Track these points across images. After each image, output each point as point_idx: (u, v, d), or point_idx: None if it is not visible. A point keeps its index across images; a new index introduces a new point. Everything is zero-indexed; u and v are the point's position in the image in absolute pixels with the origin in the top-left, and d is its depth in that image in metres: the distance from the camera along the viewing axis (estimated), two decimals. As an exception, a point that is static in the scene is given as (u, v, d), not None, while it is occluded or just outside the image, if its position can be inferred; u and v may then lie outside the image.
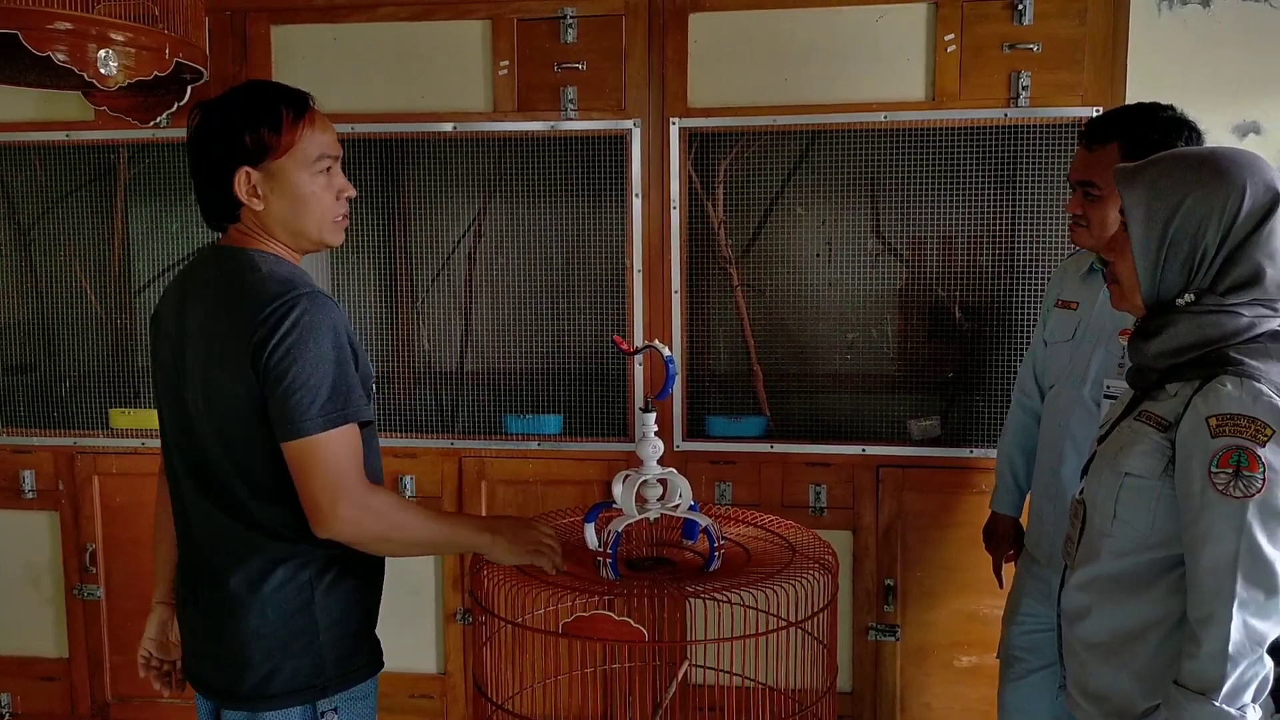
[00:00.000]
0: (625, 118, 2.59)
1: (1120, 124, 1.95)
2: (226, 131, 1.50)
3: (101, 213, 2.90)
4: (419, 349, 2.95)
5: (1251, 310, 1.35)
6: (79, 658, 2.93)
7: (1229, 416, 1.29)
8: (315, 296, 1.47)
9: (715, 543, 1.82)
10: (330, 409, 1.43)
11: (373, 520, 1.47)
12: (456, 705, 2.80)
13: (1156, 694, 1.38)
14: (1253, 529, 1.27)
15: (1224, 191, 1.34)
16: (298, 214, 1.54)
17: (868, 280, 2.72)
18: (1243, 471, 1.27)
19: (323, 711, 1.55)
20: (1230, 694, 1.29)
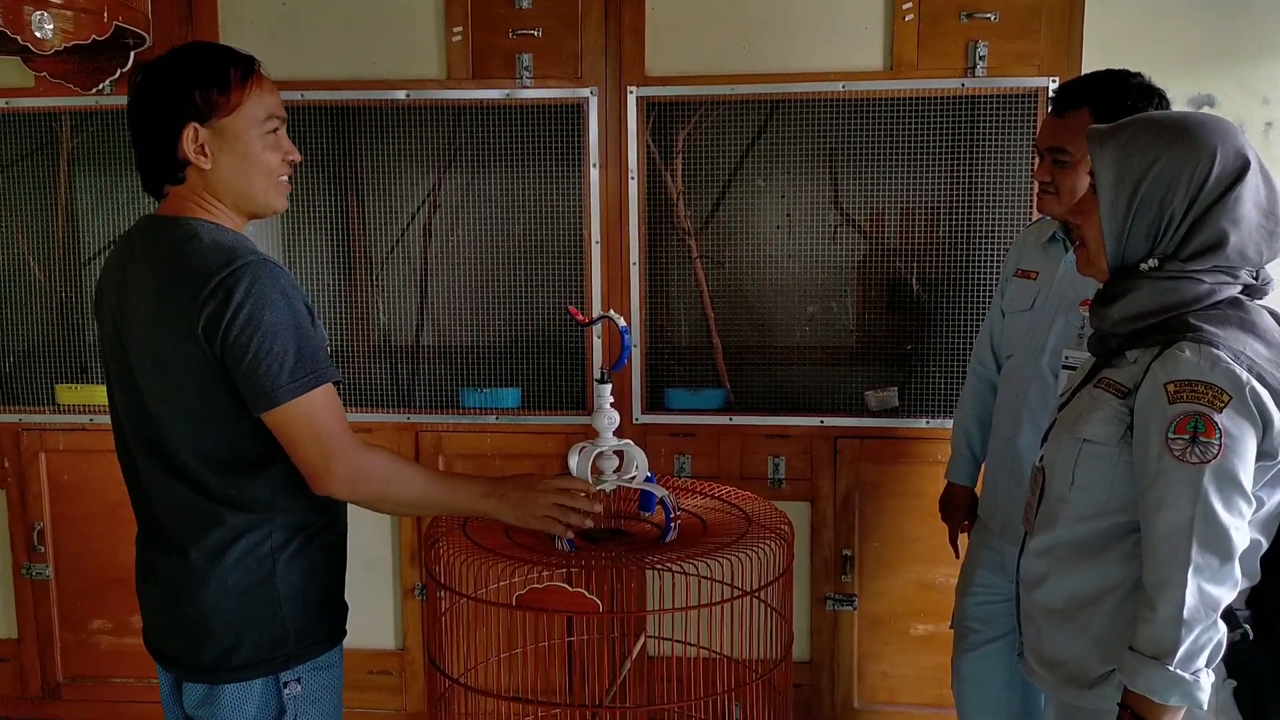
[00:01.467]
0: (582, 86, 2.56)
1: (1091, 89, 1.95)
2: (174, 89, 1.47)
3: (45, 183, 2.82)
4: (375, 323, 2.91)
5: (1213, 277, 1.35)
6: (28, 638, 2.87)
7: (1187, 383, 1.29)
8: (263, 264, 1.44)
9: (671, 514, 1.82)
10: (300, 373, 1.44)
11: (368, 479, 1.49)
12: (415, 681, 2.79)
13: (1112, 659, 1.39)
14: (1208, 495, 1.28)
15: (1194, 156, 1.33)
16: (245, 174, 1.52)
17: (827, 252, 2.71)
18: (1199, 438, 1.28)
19: (285, 682, 1.54)
20: (1184, 659, 1.29)
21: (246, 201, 1.54)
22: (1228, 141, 1.34)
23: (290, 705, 1.55)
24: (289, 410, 1.44)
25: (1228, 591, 1.30)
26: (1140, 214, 1.36)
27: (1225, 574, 1.29)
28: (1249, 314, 1.35)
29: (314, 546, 1.57)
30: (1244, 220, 1.33)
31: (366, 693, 2.81)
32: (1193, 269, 1.35)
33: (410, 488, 1.54)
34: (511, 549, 1.73)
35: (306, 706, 1.57)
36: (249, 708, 1.53)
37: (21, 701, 2.91)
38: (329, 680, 1.61)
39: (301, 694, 1.56)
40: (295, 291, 1.47)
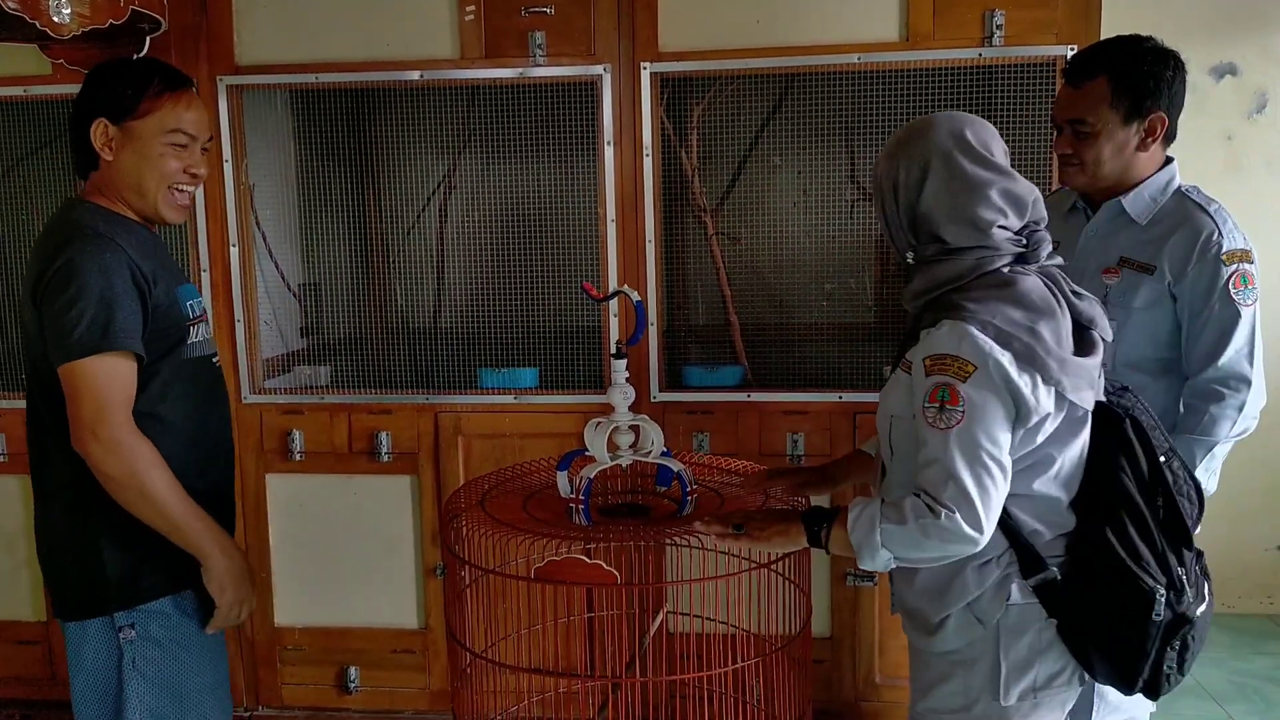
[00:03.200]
0: (595, 63, 2.55)
1: (1107, 57, 1.94)
2: (97, 86, 1.69)
3: (63, 171, 2.84)
4: (393, 305, 2.92)
5: (973, 254, 1.49)
6: (56, 622, 2.90)
7: (938, 357, 1.44)
8: (95, 238, 1.63)
9: (688, 488, 1.82)
10: (86, 338, 1.57)
11: (119, 457, 1.59)
12: (438, 660, 2.81)
13: (944, 608, 1.54)
14: (954, 456, 1.40)
15: (887, 167, 1.55)
16: (140, 175, 1.70)
17: (845, 228, 2.69)
18: (946, 405, 1.42)
19: (119, 626, 1.68)
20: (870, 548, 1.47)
21: (137, 199, 1.72)
22: (920, 143, 1.51)
23: (128, 649, 1.68)
24: (68, 369, 1.58)
25: (955, 544, 1.42)
26: (884, 216, 1.58)
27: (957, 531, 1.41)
28: (1009, 285, 1.46)
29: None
30: (935, 208, 1.49)
31: (390, 671, 2.83)
32: (950, 247, 1.50)
33: (154, 484, 1.61)
34: (530, 524, 1.73)
35: (146, 650, 1.69)
36: (87, 648, 1.69)
37: (51, 684, 2.95)
38: (172, 628, 1.72)
39: (138, 637, 1.68)
40: (125, 268, 1.62)
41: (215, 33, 2.61)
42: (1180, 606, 1.46)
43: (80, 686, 1.70)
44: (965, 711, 1.55)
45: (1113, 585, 1.46)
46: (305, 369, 2.84)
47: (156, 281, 1.67)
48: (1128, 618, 1.45)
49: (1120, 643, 1.46)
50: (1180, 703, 3.02)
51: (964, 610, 1.53)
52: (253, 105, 2.73)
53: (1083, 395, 1.46)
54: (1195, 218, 1.92)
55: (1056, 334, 1.45)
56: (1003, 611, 1.50)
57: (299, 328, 2.96)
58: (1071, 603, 1.49)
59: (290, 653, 2.86)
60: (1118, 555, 1.45)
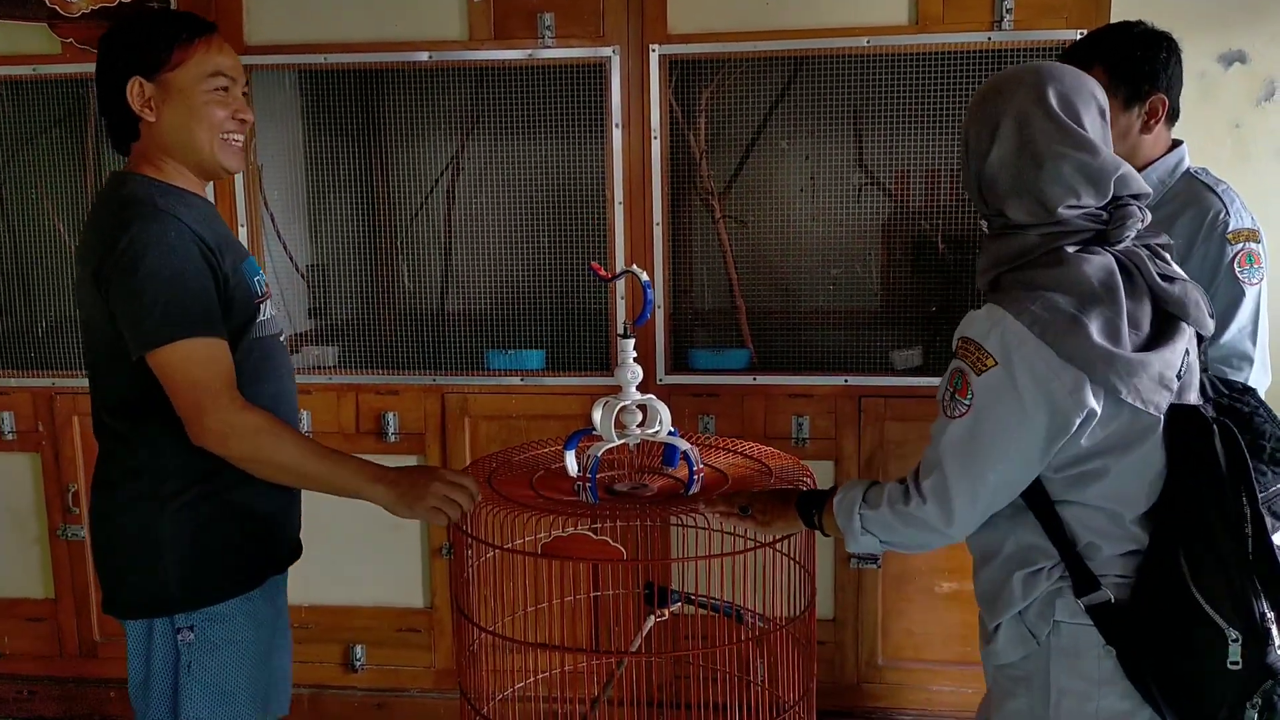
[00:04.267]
0: (604, 45, 2.55)
1: (1099, 47, 1.94)
2: (123, 45, 1.58)
3: (73, 150, 2.85)
4: (400, 286, 2.93)
5: (1037, 231, 1.34)
6: (65, 598, 2.93)
7: (966, 340, 1.33)
8: (156, 214, 1.52)
9: (694, 467, 1.83)
10: (167, 322, 1.48)
11: (238, 439, 1.51)
12: (444, 639, 2.83)
13: (995, 615, 1.43)
14: (946, 448, 1.33)
15: (968, 128, 1.42)
16: (188, 127, 1.60)
17: (851, 213, 2.70)
18: (957, 395, 1.32)
19: (178, 628, 1.61)
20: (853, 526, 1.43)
21: (192, 155, 1.62)
22: (989, 109, 1.37)
23: (185, 651, 1.61)
24: (157, 356, 1.50)
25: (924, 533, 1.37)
26: (963, 183, 1.46)
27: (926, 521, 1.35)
28: (1067, 265, 1.30)
29: (212, 502, 1.62)
30: (1000, 178, 1.36)
31: (396, 650, 2.85)
32: (1014, 224, 1.36)
33: (282, 453, 1.53)
34: (536, 501, 1.74)
35: (202, 654, 1.62)
36: (144, 647, 1.63)
37: (59, 660, 2.97)
38: (232, 631, 1.65)
39: (195, 642, 1.61)
40: (190, 244, 1.53)
41: (224, 12, 2.61)
42: (1266, 658, 1.23)
43: (136, 681, 1.66)
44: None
45: (1176, 619, 1.27)
46: (313, 349, 2.85)
47: (223, 257, 1.59)
48: (1194, 659, 1.26)
49: (1185, 685, 1.27)
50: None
51: (1015, 620, 1.40)
52: (261, 85, 2.73)
53: (1146, 395, 1.26)
54: (1203, 197, 1.93)
55: (1111, 325, 1.26)
56: (1051, 628, 1.36)
57: (307, 308, 2.97)
58: (1130, 630, 1.31)
59: (296, 631, 2.84)
60: (1185, 585, 1.26)
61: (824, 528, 1.54)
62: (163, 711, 1.63)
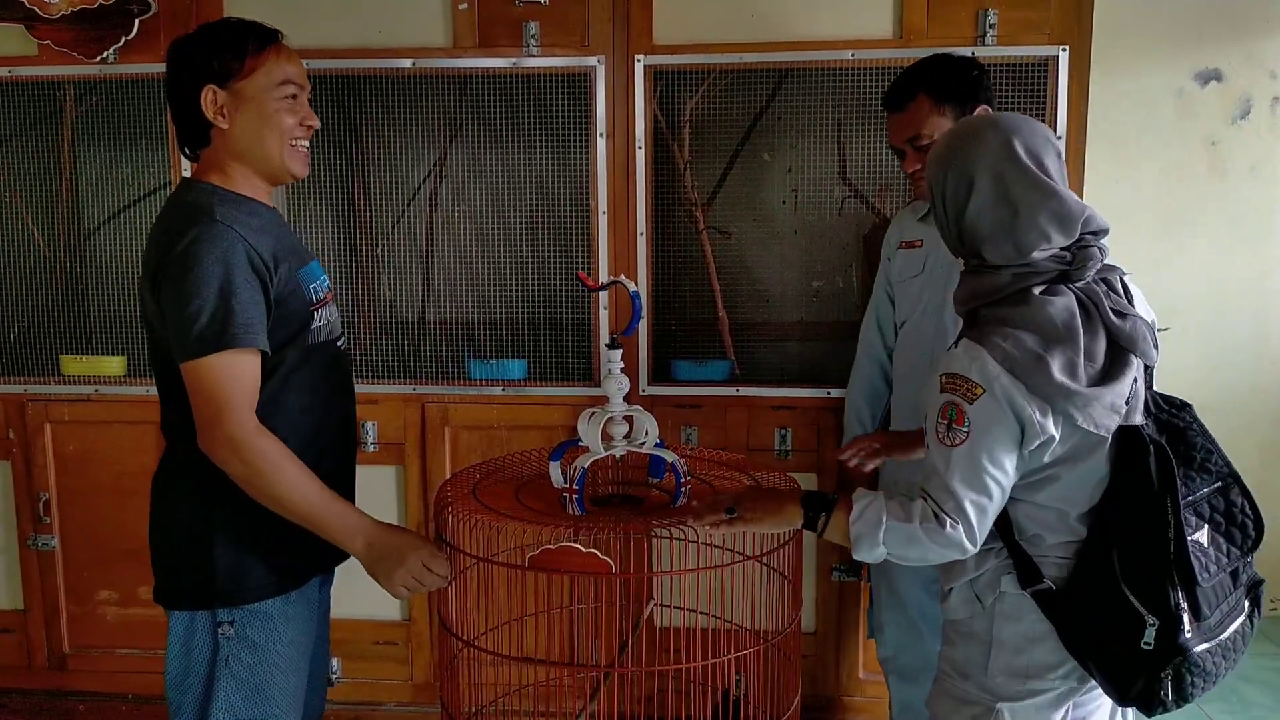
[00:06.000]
0: (589, 54, 2.54)
1: (918, 76, 2.10)
2: (196, 55, 1.62)
3: (48, 153, 2.81)
4: (379, 295, 2.90)
5: (1008, 272, 1.48)
6: (35, 609, 2.88)
7: (950, 376, 1.47)
8: (211, 224, 1.55)
9: (682, 478, 1.82)
10: (208, 334, 1.51)
11: (240, 460, 1.54)
12: (422, 652, 2.79)
13: (950, 580, 1.61)
14: (954, 474, 1.45)
15: (940, 180, 1.53)
16: (260, 135, 1.64)
17: (833, 225, 2.70)
18: (953, 425, 1.46)
19: (220, 622, 1.64)
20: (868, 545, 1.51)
21: (262, 163, 1.67)
22: (960, 156, 1.51)
23: (224, 645, 1.64)
24: (190, 367, 1.53)
25: (948, 550, 1.48)
26: (936, 220, 1.58)
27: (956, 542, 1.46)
28: (1032, 306, 1.46)
29: (261, 506, 1.61)
30: (979, 223, 1.49)
31: (373, 663, 2.81)
32: (990, 263, 1.50)
33: (278, 487, 1.55)
34: (522, 512, 1.73)
35: (240, 650, 1.64)
36: (185, 637, 1.64)
37: (28, 672, 2.91)
38: (270, 629, 1.66)
39: (235, 636, 1.64)
40: (243, 256, 1.55)
41: (205, 16, 2.58)
42: (1177, 639, 1.44)
43: (173, 673, 1.66)
44: (963, 679, 1.62)
45: (1105, 604, 1.47)
46: (291, 357, 2.81)
47: (277, 266, 1.60)
48: (1120, 636, 1.47)
49: (1112, 658, 1.48)
50: (1158, 700, 3.04)
51: (965, 586, 1.60)
52: (242, 90, 2.70)
53: (1100, 422, 1.44)
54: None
55: (1070, 363, 1.43)
56: (997, 596, 1.56)
57: (285, 316, 2.93)
58: (1068, 610, 1.51)
59: (272, 643, 2.83)
60: (1115, 578, 1.47)
61: (825, 531, 1.56)
62: (198, 703, 1.65)
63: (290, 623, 1.69)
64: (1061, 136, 2.45)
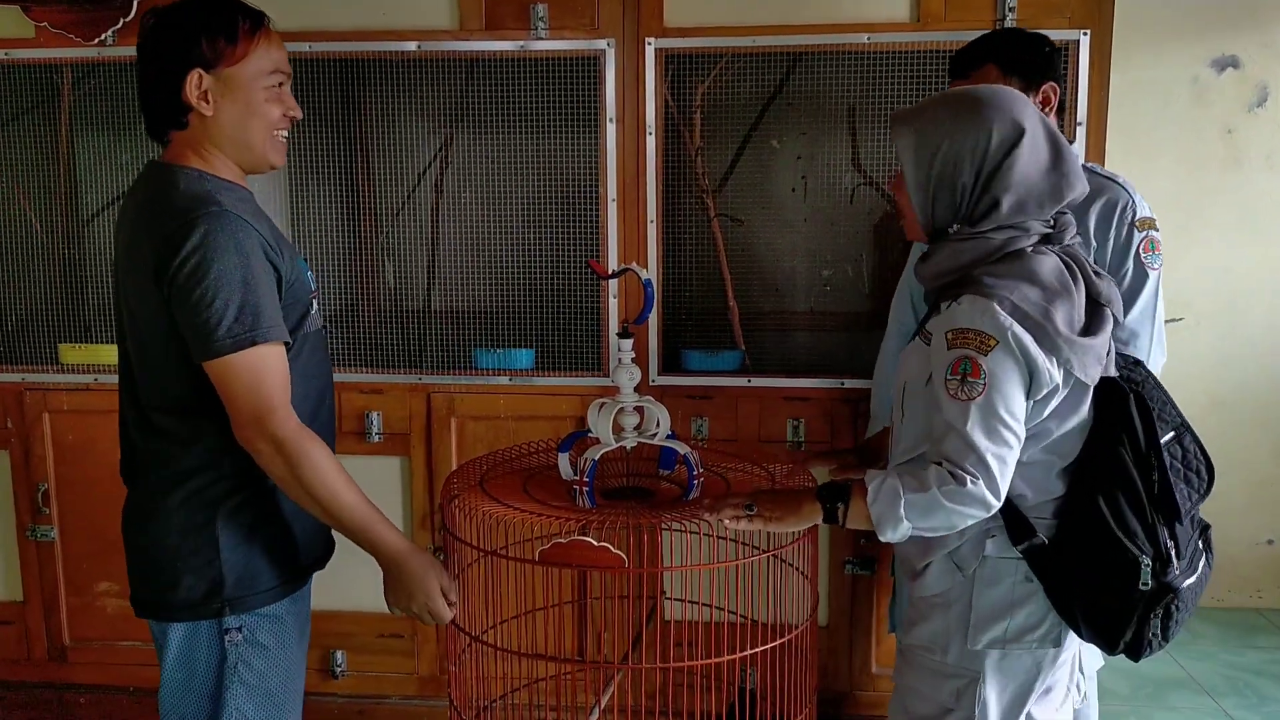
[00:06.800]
0: (599, 37, 2.49)
1: (988, 46, 2.03)
2: (182, 35, 1.52)
3: (45, 137, 2.76)
4: (383, 283, 2.85)
5: (1002, 234, 1.52)
6: (34, 600, 2.83)
7: (960, 331, 1.48)
8: (222, 215, 1.47)
9: (694, 471, 1.77)
10: (238, 330, 1.45)
11: (285, 456, 1.48)
12: (428, 644, 2.75)
13: (928, 555, 1.62)
14: (973, 426, 1.45)
15: (974, 133, 1.51)
16: (245, 124, 1.56)
17: (845, 213, 2.66)
18: (968, 378, 1.46)
19: (227, 629, 1.58)
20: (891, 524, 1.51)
21: (244, 152, 1.58)
22: (1004, 115, 1.51)
23: (232, 652, 1.58)
24: (222, 364, 1.46)
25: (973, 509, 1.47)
26: (938, 190, 1.54)
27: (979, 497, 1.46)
28: (1029, 263, 1.51)
29: (267, 501, 1.58)
30: (1020, 183, 1.50)
31: (378, 656, 2.77)
32: (981, 229, 1.52)
33: (325, 488, 1.50)
34: (531, 505, 1.68)
35: (251, 656, 1.59)
36: (186, 648, 1.58)
37: (28, 665, 2.87)
38: (279, 631, 1.63)
39: (244, 641, 1.59)
40: (256, 246, 1.49)
41: (206, -3, 2.53)
42: (1166, 577, 1.51)
43: (172, 685, 1.60)
44: (942, 652, 1.63)
45: (1100, 553, 1.51)
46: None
47: (281, 254, 1.55)
48: (1113, 585, 1.51)
49: (1104, 608, 1.53)
50: (1174, 697, 3.01)
51: (945, 558, 1.61)
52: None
53: (1090, 372, 1.50)
54: (1109, 188, 2.02)
55: (1069, 315, 1.49)
56: (979, 562, 1.58)
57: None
58: (1058, 567, 1.54)
59: (274, 636, 2.79)
60: (1108, 525, 1.51)
61: (847, 520, 1.56)
62: (204, 714, 1.60)
63: (296, 623, 1.66)
64: (1082, 123, 2.39)
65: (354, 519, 1.54)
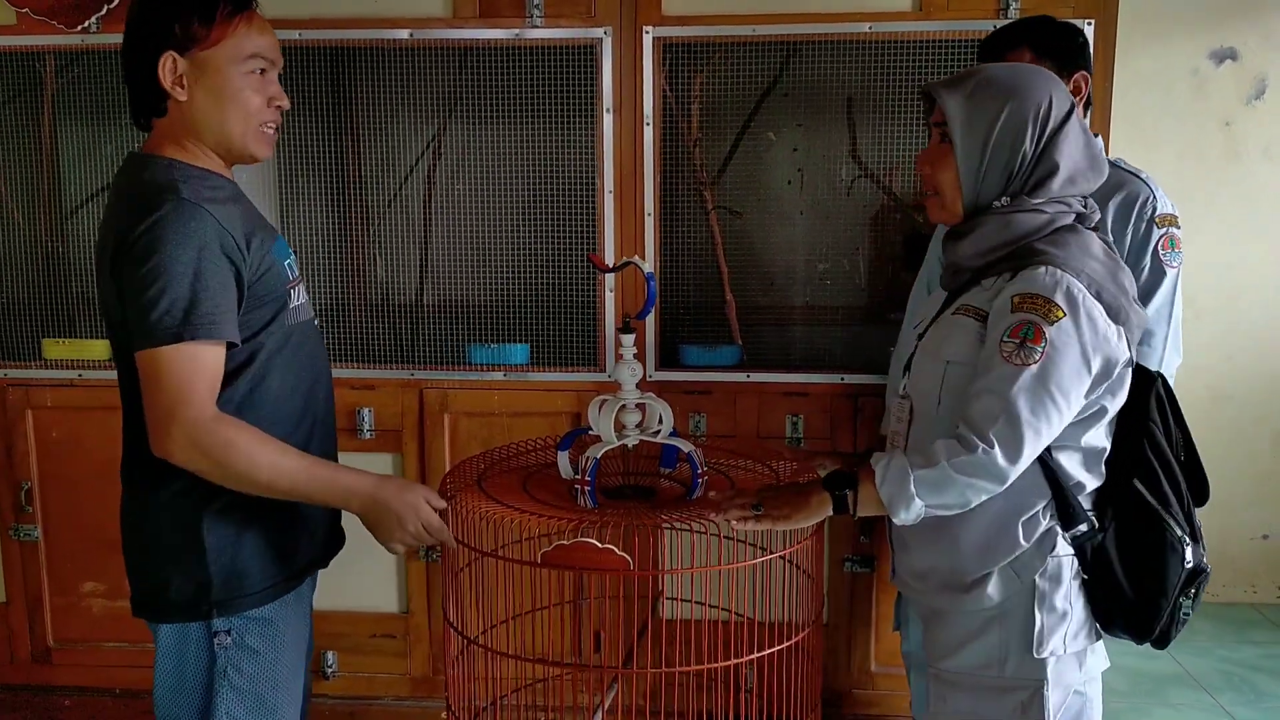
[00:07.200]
0: (595, 25, 2.44)
1: (1023, 30, 2.00)
2: (157, 16, 1.46)
3: (27, 127, 2.69)
4: (374, 276, 2.80)
5: (1052, 208, 1.49)
6: (17, 601, 2.78)
7: (1029, 296, 1.43)
8: (178, 205, 1.41)
9: (698, 469, 1.73)
10: (169, 323, 1.37)
11: (205, 457, 1.40)
12: (420, 644, 2.71)
13: (988, 564, 1.52)
14: (1018, 395, 1.40)
15: (1036, 99, 1.47)
16: (222, 112, 1.49)
17: (842, 205, 2.62)
18: (1027, 343, 1.41)
19: (215, 631, 1.52)
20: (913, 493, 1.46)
21: (223, 142, 1.51)
22: (1058, 86, 1.50)
23: (221, 656, 1.53)
24: (147, 356, 1.39)
25: (985, 480, 1.42)
26: (994, 157, 1.48)
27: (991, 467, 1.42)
28: (1083, 237, 1.49)
29: (254, 500, 1.51)
30: (1070, 154, 1.48)
31: (369, 656, 2.73)
32: (1035, 203, 1.48)
33: (258, 469, 1.42)
34: (532, 505, 1.64)
35: (241, 660, 1.54)
36: (177, 650, 1.53)
37: (10, 667, 2.82)
38: (270, 635, 1.57)
39: (233, 645, 1.53)
40: (214, 240, 1.41)
41: (192, -16, 2.47)
42: (1203, 557, 1.52)
43: (164, 688, 1.54)
44: (999, 666, 1.54)
45: (1143, 534, 1.49)
46: (283, 341, 2.71)
47: (250, 245, 1.47)
48: (1153, 567, 1.49)
49: (1144, 591, 1.50)
50: (1172, 693, 3.00)
51: (1005, 567, 1.52)
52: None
53: (1137, 348, 1.50)
54: (1130, 182, 1.99)
55: (1127, 290, 1.48)
56: (1044, 564, 1.51)
57: (276, 298, 2.82)
58: (1101, 554, 1.52)
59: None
60: (1150, 506, 1.49)
61: (858, 508, 1.51)
62: (195, 717, 1.55)
63: (290, 625, 1.60)
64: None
65: (309, 485, 1.47)
